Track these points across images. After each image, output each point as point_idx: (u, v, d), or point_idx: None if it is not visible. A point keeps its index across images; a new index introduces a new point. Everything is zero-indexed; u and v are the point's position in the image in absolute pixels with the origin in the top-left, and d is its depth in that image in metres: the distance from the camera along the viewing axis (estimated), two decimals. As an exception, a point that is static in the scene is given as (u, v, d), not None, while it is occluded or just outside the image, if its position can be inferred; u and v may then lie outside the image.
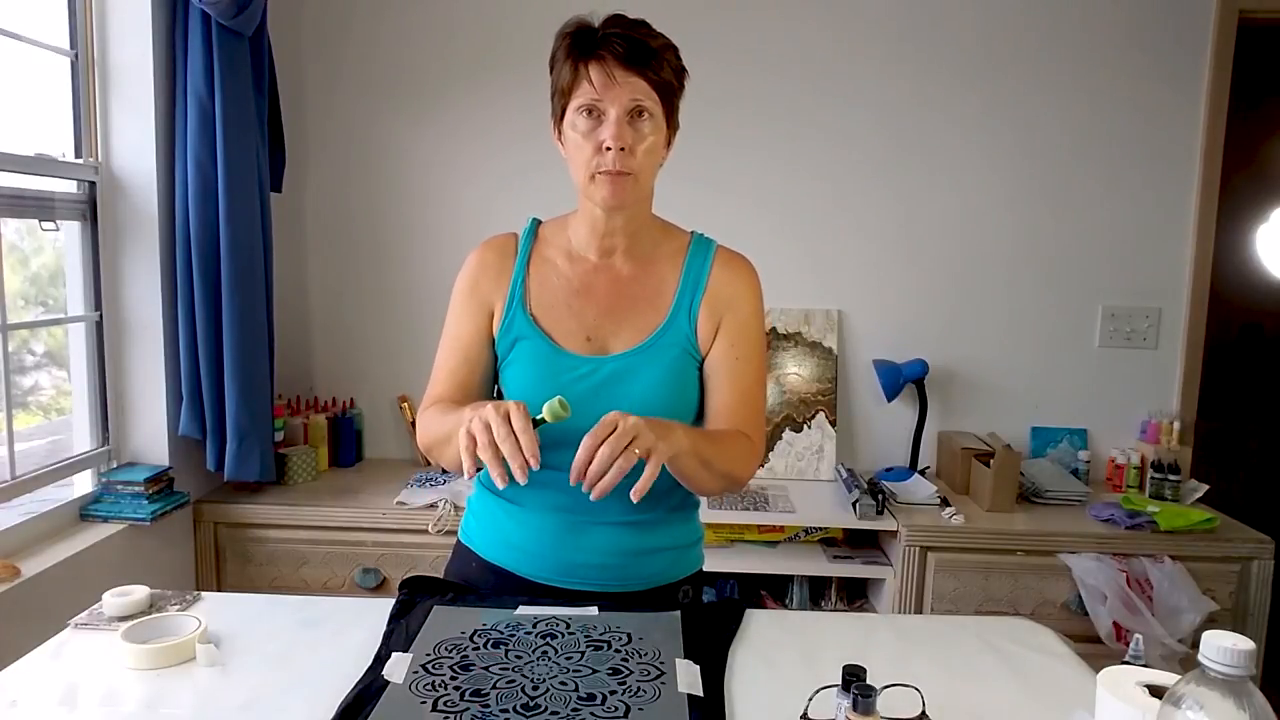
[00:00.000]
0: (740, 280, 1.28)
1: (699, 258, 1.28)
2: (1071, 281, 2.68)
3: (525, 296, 1.25)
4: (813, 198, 2.69)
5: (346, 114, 2.69)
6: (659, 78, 1.15)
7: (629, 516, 1.21)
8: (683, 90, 1.21)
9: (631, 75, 1.13)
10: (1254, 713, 0.65)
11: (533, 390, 1.21)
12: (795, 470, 2.64)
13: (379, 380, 2.77)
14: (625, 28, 1.15)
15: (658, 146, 1.18)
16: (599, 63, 1.13)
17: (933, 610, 2.26)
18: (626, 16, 1.18)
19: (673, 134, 1.22)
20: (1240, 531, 2.29)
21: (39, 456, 2.09)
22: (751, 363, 1.25)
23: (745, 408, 1.24)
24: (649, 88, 1.14)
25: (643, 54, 1.13)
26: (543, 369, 1.22)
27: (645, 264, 1.27)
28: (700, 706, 0.96)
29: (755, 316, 1.27)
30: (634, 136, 1.15)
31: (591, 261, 1.26)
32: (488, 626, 1.12)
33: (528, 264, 1.27)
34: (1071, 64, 2.61)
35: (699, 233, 1.32)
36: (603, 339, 1.23)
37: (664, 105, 1.17)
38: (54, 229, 2.07)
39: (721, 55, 2.63)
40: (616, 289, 1.25)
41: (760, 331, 1.28)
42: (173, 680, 1.04)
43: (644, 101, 1.14)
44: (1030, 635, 1.22)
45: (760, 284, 1.30)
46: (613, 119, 1.13)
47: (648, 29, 1.17)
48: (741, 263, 1.30)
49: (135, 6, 2.10)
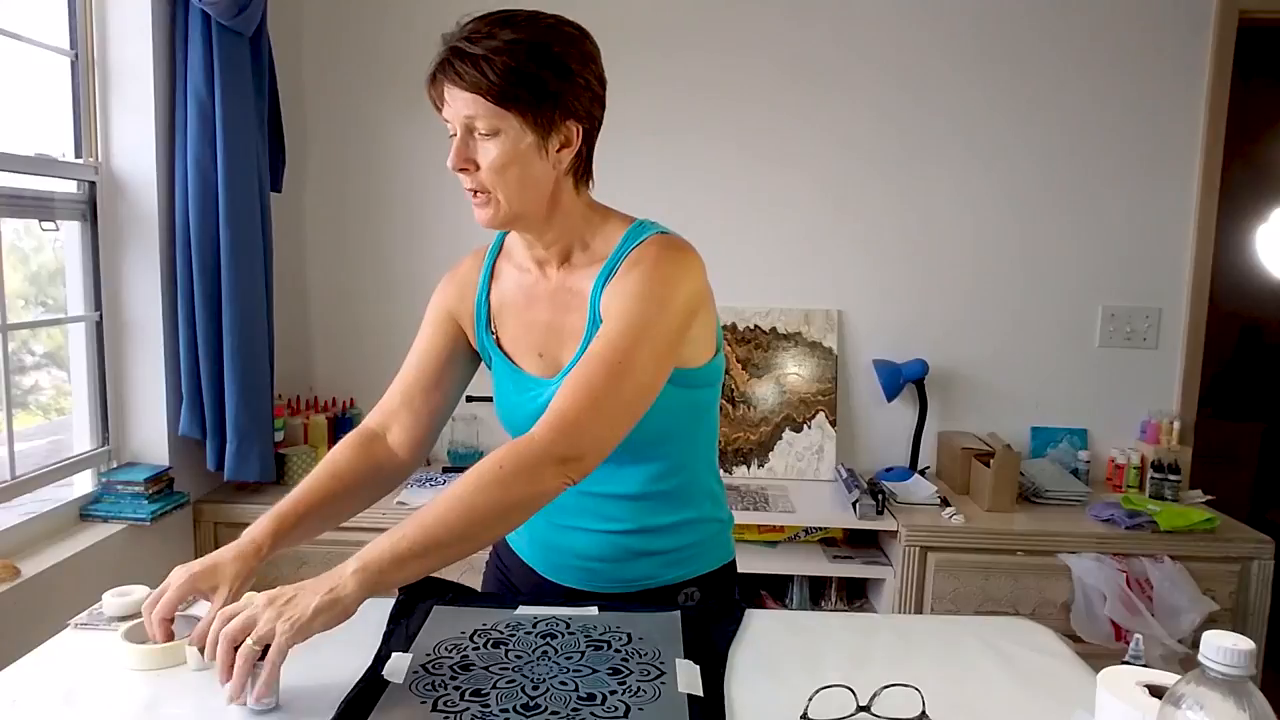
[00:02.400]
0: (645, 258, 1.09)
1: (623, 247, 1.13)
2: (1071, 281, 2.68)
3: (488, 316, 1.23)
4: (813, 198, 2.69)
5: (346, 114, 2.69)
6: (493, 88, 1.01)
7: (601, 526, 1.20)
8: (571, 89, 1.05)
9: (461, 92, 1.03)
10: (1254, 713, 0.65)
11: (502, 410, 1.24)
12: (795, 470, 2.64)
13: (379, 380, 2.73)
14: (467, 38, 1.03)
15: (515, 160, 1.05)
16: (434, 82, 1.06)
17: (933, 610, 2.26)
18: (480, 20, 1.04)
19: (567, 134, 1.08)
20: (1240, 531, 2.29)
21: (39, 456, 2.09)
22: (610, 345, 1.04)
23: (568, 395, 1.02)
24: (486, 103, 1.02)
25: (474, 69, 1.01)
26: (507, 389, 1.23)
27: (575, 271, 1.16)
28: (700, 706, 0.96)
29: (645, 299, 1.06)
30: (475, 152, 1.05)
31: (533, 273, 1.20)
32: (488, 626, 1.12)
33: (490, 281, 1.24)
34: (1071, 64, 2.61)
35: (641, 220, 1.17)
36: (553, 355, 1.18)
37: (522, 116, 1.03)
38: (54, 229, 2.07)
39: (721, 53, 2.63)
40: (553, 300, 1.17)
41: (648, 316, 1.06)
42: (173, 680, 1.04)
43: (480, 122, 1.03)
44: (1030, 635, 1.22)
45: (676, 268, 1.09)
46: (455, 139, 1.06)
47: (491, 34, 1.02)
48: (659, 244, 1.11)
49: (135, 6, 2.10)
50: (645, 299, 1.06)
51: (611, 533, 1.21)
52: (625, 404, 1.04)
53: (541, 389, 1.17)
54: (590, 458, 1.03)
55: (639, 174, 2.59)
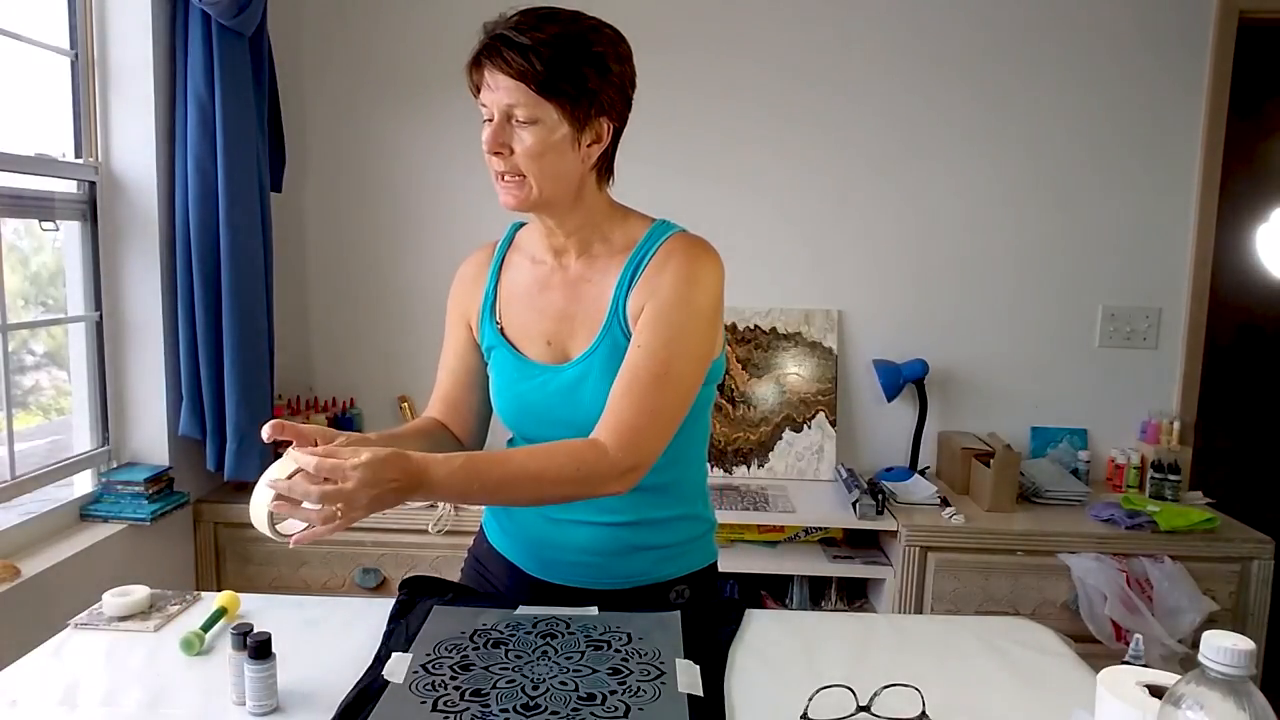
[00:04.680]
0: (672, 261, 1.14)
1: (647, 244, 1.17)
2: (1071, 281, 2.68)
3: (495, 306, 1.26)
4: (813, 198, 2.69)
5: (346, 114, 2.69)
6: (546, 84, 1.06)
7: (603, 518, 1.21)
8: (608, 87, 1.11)
9: (508, 80, 1.06)
10: (1254, 713, 0.65)
11: (502, 398, 1.25)
12: (795, 470, 2.64)
13: (379, 380, 2.77)
14: (516, 29, 1.06)
15: (551, 148, 1.09)
16: (478, 66, 1.09)
17: (933, 610, 2.26)
18: (526, 13, 1.08)
19: (599, 129, 1.13)
20: (1240, 531, 2.29)
21: (39, 456, 2.09)
22: (653, 355, 1.10)
23: (629, 405, 1.09)
24: (531, 93, 1.06)
25: (524, 60, 1.05)
26: (509, 377, 1.23)
27: (595, 262, 1.20)
28: (700, 706, 0.96)
29: (677, 306, 1.12)
30: (512, 138, 1.09)
31: (548, 263, 1.23)
32: (488, 626, 1.12)
33: (500, 272, 1.27)
34: (1072, 64, 2.61)
35: (662, 220, 1.22)
36: (561, 343, 1.20)
37: (561, 108, 1.07)
38: (54, 229, 2.07)
39: (721, 52, 2.63)
40: (569, 290, 1.21)
41: (683, 322, 1.12)
42: (173, 680, 1.04)
43: (520, 110, 1.07)
44: (1030, 635, 1.22)
45: (703, 270, 1.14)
46: (492, 123, 1.09)
47: (543, 29, 1.06)
48: (684, 245, 1.16)
49: (135, 6, 2.10)
50: (679, 305, 1.12)
51: (611, 525, 1.21)
52: (674, 412, 1.13)
53: (551, 375, 1.19)
54: (647, 466, 1.10)
55: (638, 173, 2.58)
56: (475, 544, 1.39)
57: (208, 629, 1.13)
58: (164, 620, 1.19)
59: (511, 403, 1.24)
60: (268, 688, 0.96)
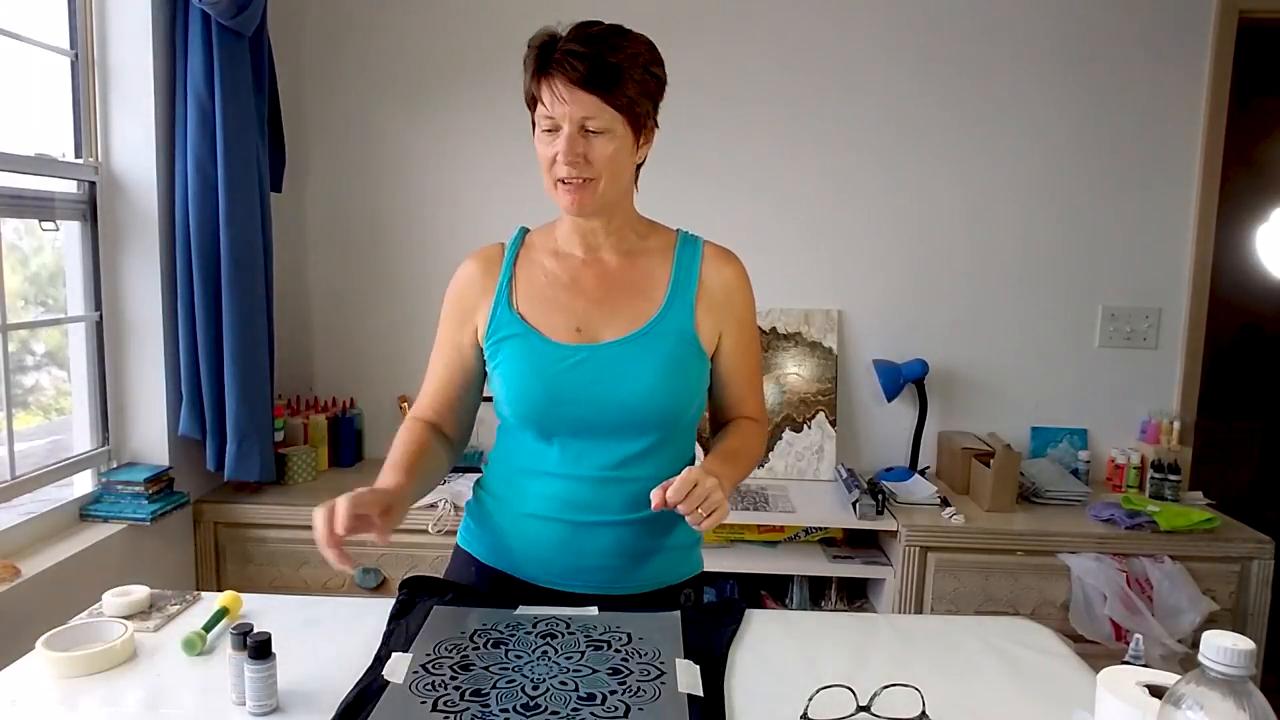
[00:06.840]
0: (734, 277, 1.31)
1: (688, 252, 1.30)
2: (1071, 281, 2.68)
3: (512, 296, 1.27)
4: (813, 198, 2.69)
5: (346, 114, 2.69)
6: (616, 96, 1.13)
7: (629, 515, 1.22)
8: (659, 95, 1.21)
9: (584, 94, 1.12)
10: (1254, 713, 0.65)
11: (524, 384, 1.23)
12: (795, 470, 2.64)
13: (379, 380, 2.77)
14: (585, 43, 1.12)
15: (619, 155, 1.17)
16: (551, 80, 1.13)
17: (933, 610, 2.26)
18: (592, 29, 1.15)
19: (649, 134, 1.23)
20: (1240, 531, 2.29)
21: (39, 456, 2.09)
22: (752, 354, 1.35)
23: (754, 395, 1.35)
24: (604, 105, 1.13)
25: (597, 74, 1.12)
26: (533, 361, 1.23)
27: (632, 257, 1.28)
28: (700, 706, 0.96)
29: (750, 310, 1.33)
30: (588, 148, 1.15)
31: (579, 257, 1.28)
32: (488, 626, 1.12)
33: (514, 267, 1.29)
34: (1072, 64, 2.61)
35: (684, 230, 1.34)
36: (593, 329, 1.24)
37: (627, 118, 1.15)
38: (54, 229, 2.07)
39: (722, 51, 2.63)
40: (605, 281, 1.26)
41: (755, 322, 1.35)
42: (173, 680, 1.04)
43: (594, 121, 1.13)
44: (1030, 635, 1.22)
45: (749, 276, 1.33)
46: (564, 135, 1.14)
47: (609, 43, 1.14)
48: (731, 258, 1.32)
49: (135, 6, 2.10)
50: (754, 320, 1.34)
51: (636, 521, 1.23)
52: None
53: (589, 353, 1.22)
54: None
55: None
56: (453, 562, 1.36)
57: (209, 629, 1.13)
58: (164, 620, 1.19)
59: (537, 387, 1.23)
60: (268, 688, 0.96)
